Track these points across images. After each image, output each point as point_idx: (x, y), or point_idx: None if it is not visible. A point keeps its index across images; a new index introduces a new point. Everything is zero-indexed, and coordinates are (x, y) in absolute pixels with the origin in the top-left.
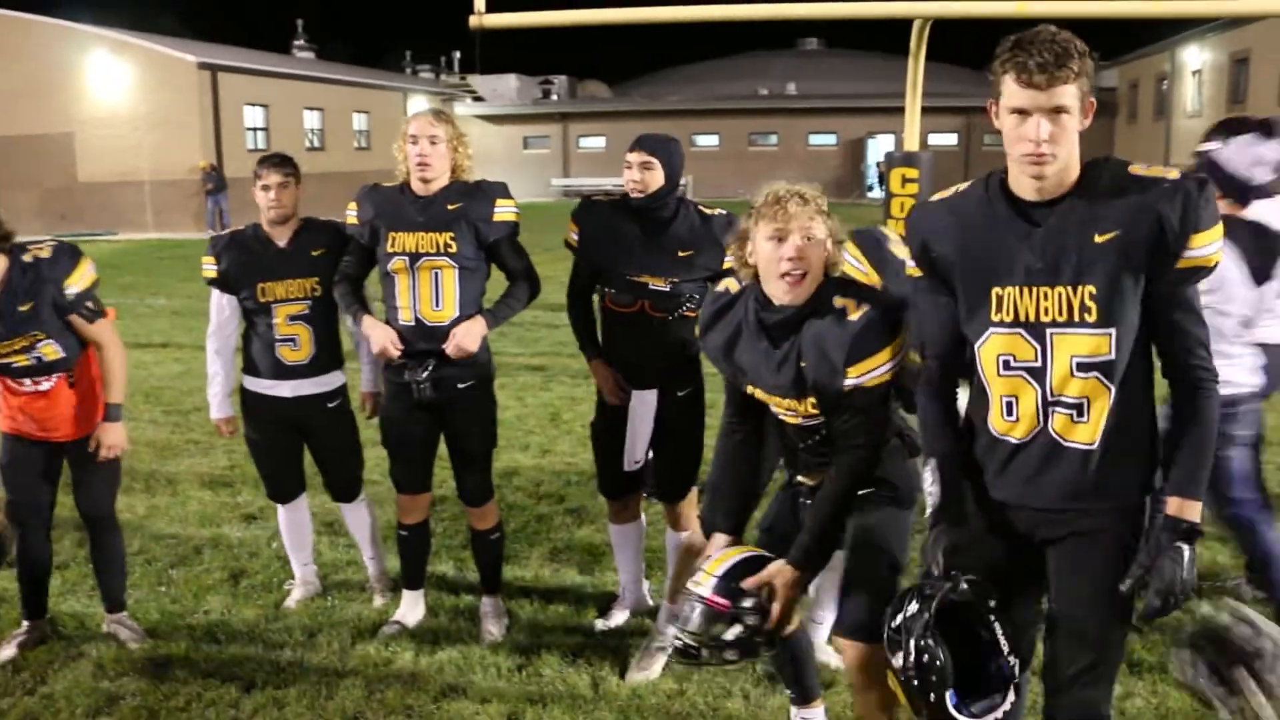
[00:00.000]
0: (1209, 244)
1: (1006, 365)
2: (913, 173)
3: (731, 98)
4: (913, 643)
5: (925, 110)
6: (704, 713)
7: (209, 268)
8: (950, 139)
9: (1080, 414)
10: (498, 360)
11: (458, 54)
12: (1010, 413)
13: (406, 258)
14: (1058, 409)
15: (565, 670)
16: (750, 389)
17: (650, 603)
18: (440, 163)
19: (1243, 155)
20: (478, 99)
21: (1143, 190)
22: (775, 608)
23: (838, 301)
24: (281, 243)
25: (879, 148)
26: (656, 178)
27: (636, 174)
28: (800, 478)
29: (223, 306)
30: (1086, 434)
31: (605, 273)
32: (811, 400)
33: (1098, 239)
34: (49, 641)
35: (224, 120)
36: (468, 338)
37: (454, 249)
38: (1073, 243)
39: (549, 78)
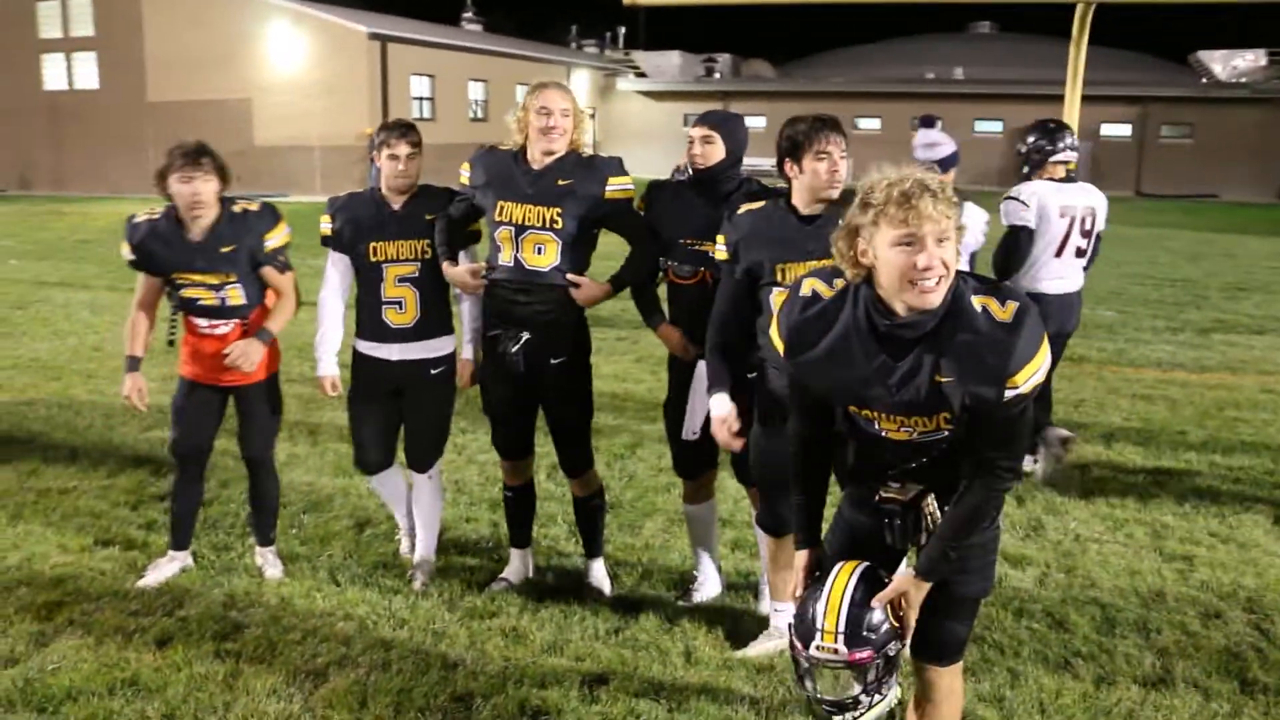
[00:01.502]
0: None
1: None
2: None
3: (896, 81)
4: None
5: (1096, 99)
6: (790, 687)
7: (325, 225)
8: (1123, 129)
9: None
10: (630, 331)
11: (622, 30)
12: None
13: (512, 228)
14: None
15: (660, 637)
16: (854, 409)
17: (720, 583)
18: (565, 137)
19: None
20: (640, 75)
21: None
22: (909, 620)
23: (977, 301)
24: (396, 206)
25: None
26: (717, 151)
27: (698, 148)
28: (888, 493)
29: (337, 265)
30: None
31: (668, 244)
32: (944, 416)
33: None
34: (188, 571)
35: (391, 89)
36: (587, 294)
37: (559, 225)
38: None
39: (712, 55)
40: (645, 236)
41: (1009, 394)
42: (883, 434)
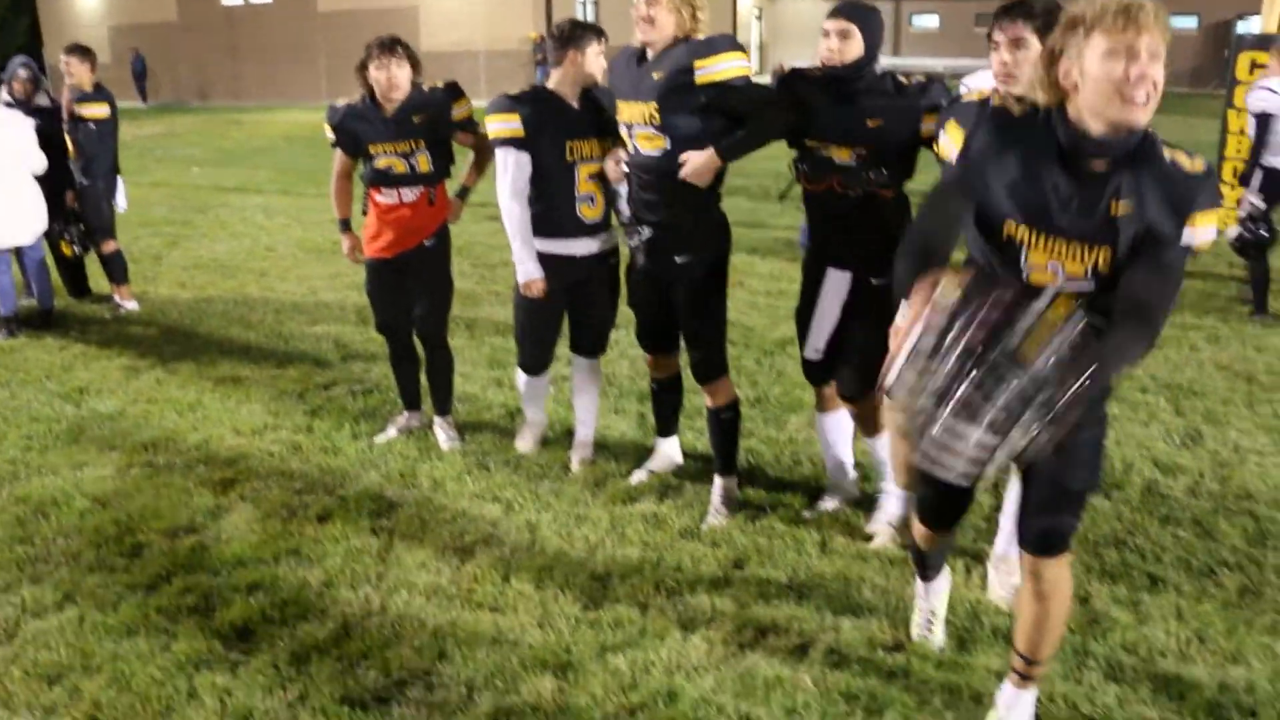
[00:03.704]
0: None
1: None
2: (1264, 58)
3: None
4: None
5: None
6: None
7: (511, 125)
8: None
9: None
10: (785, 232)
11: None
12: None
13: (625, 128)
14: None
15: (795, 529)
16: (1013, 226)
17: (857, 493)
18: (658, 28)
19: None
20: None
21: None
22: None
23: (1167, 152)
24: (576, 105)
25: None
26: (855, 47)
27: (835, 42)
28: None
29: (523, 167)
30: None
31: (799, 148)
32: (1104, 255)
33: None
34: (423, 429)
35: None
36: (695, 168)
37: (658, 120)
38: None
39: None
40: (762, 110)
41: (1185, 234)
42: (1026, 273)
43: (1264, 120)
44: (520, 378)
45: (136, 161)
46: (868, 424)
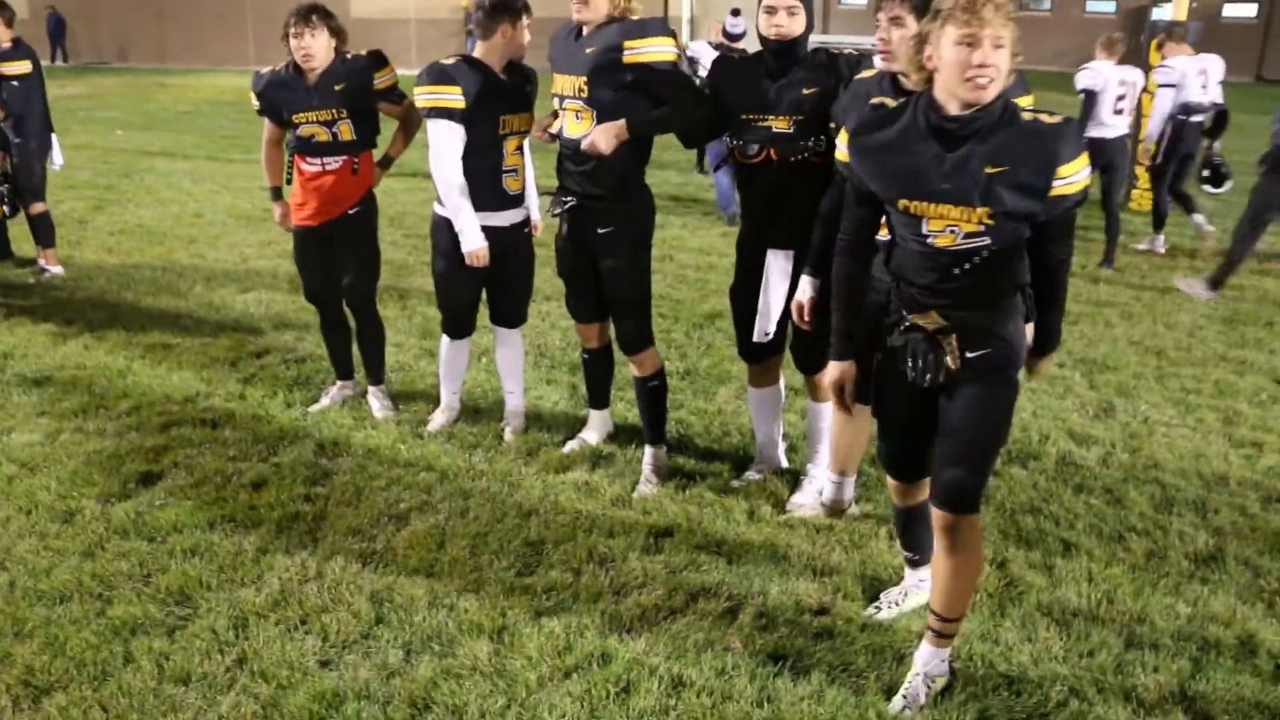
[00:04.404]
0: None
1: None
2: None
3: None
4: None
5: None
6: (846, 546)
7: (456, 98)
8: (1248, 9)
9: None
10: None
11: None
12: None
13: (557, 99)
14: None
15: (724, 498)
16: (905, 202)
17: (784, 464)
18: (591, 7)
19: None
20: None
21: None
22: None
23: (1028, 115)
24: (504, 77)
25: (1165, 18)
26: (800, 23)
27: (783, 18)
28: (914, 318)
29: (458, 137)
30: None
31: (733, 122)
32: (985, 211)
33: None
34: (357, 398)
35: None
36: (602, 136)
37: (587, 93)
38: None
39: None
40: (683, 95)
41: (1056, 184)
42: (928, 237)
43: (1090, 96)
44: (443, 345)
45: (59, 123)
46: (816, 390)
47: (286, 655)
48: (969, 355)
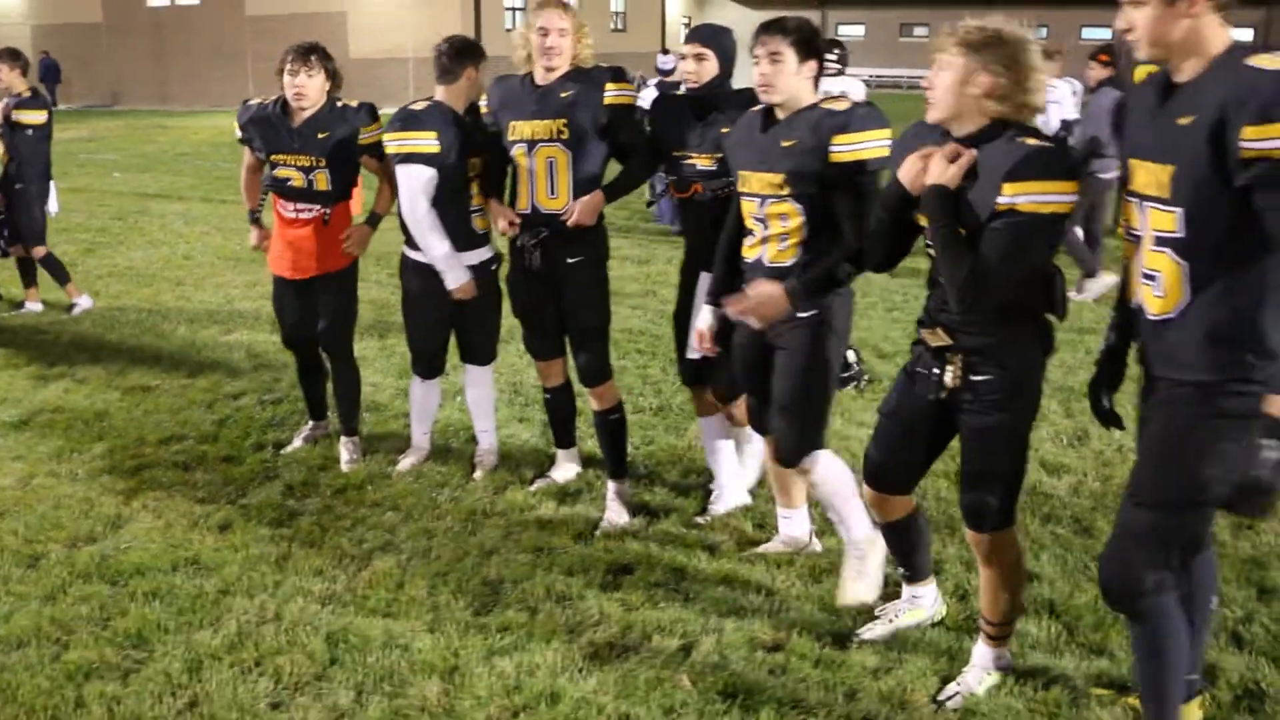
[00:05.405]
0: None
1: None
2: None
3: None
4: None
5: None
6: (806, 581)
7: (431, 143)
8: (1243, 34)
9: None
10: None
11: None
12: None
13: (525, 144)
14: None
15: (686, 533)
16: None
17: (749, 500)
18: (564, 55)
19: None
20: None
21: None
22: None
23: (1017, 139)
24: (469, 119)
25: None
26: (710, 68)
27: (691, 65)
28: (924, 333)
29: (432, 178)
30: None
31: (666, 159)
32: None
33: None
34: (329, 438)
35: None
36: (584, 210)
37: (566, 135)
38: None
39: None
40: (639, 151)
41: (1001, 200)
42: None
43: (1067, 125)
44: (414, 385)
45: (58, 166)
46: (737, 418)
47: (238, 698)
48: (973, 379)
